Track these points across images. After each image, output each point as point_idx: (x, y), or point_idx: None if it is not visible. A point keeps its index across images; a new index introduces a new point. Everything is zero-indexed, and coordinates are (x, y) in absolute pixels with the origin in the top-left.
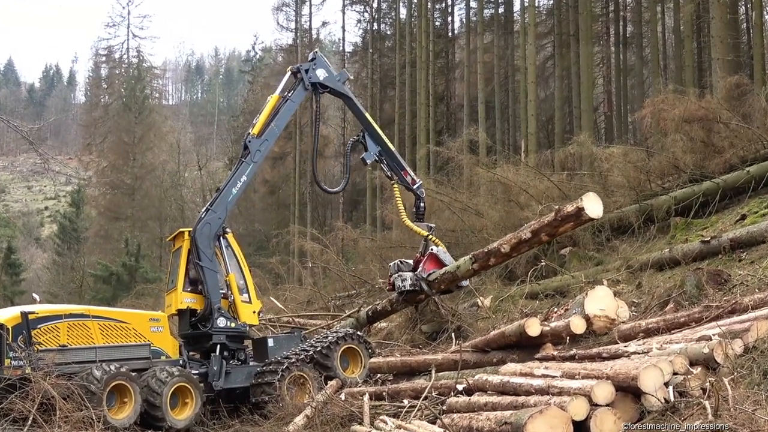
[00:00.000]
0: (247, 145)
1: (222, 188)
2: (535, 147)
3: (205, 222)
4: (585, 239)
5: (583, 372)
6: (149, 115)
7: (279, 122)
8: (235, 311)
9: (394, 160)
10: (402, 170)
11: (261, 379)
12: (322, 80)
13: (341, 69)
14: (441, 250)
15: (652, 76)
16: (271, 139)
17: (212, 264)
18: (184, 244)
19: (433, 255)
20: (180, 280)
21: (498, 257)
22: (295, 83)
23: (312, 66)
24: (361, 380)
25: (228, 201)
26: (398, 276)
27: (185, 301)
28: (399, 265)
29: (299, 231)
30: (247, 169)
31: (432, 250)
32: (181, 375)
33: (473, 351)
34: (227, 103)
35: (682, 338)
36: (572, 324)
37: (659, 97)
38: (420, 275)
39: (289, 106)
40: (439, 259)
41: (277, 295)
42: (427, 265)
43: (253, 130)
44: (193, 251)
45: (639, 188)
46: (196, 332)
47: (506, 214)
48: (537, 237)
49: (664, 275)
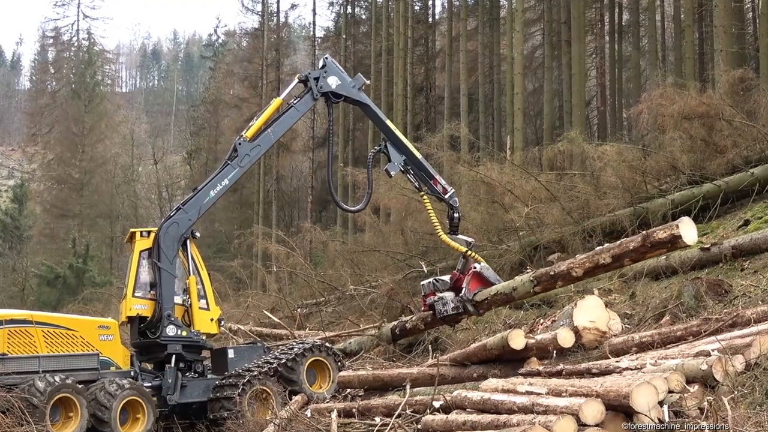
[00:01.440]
0: (237, 148)
1: (199, 189)
2: (521, 144)
3: (173, 221)
4: (574, 245)
5: (570, 389)
6: (100, 104)
7: (277, 129)
8: (190, 318)
9: (422, 169)
10: (431, 179)
11: (220, 393)
12: (334, 89)
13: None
14: (484, 266)
15: (650, 68)
16: (265, 145)
17: (172, 267)
18: (136, 245)
19: (477, 273)
20: (130, 285)
21: (566, 280)
22: (303, 91)
23: (323, 74)
24: (329, 395)
25: (203, 203)
26: (439, 300)
27: (135, 308)
28: (435, 284)
29: (263, 232)
30: (231, 173)
31: (476, 267)
32: (133, 388)
33: (452, 365)
34: (186, 91)
35: (678, 353)
36: (560, 337)
37: (657, 91)
38: (466, 296)
39: (292, 114)
40: (483, 276)
41: (238, 302)
42: (472, 285)
43: (246, 132)
44: (154, 251)
45: (634, 190)
46: (145, 341)
47: (489, 216)
48: (618, 262)
49: (659, 285)
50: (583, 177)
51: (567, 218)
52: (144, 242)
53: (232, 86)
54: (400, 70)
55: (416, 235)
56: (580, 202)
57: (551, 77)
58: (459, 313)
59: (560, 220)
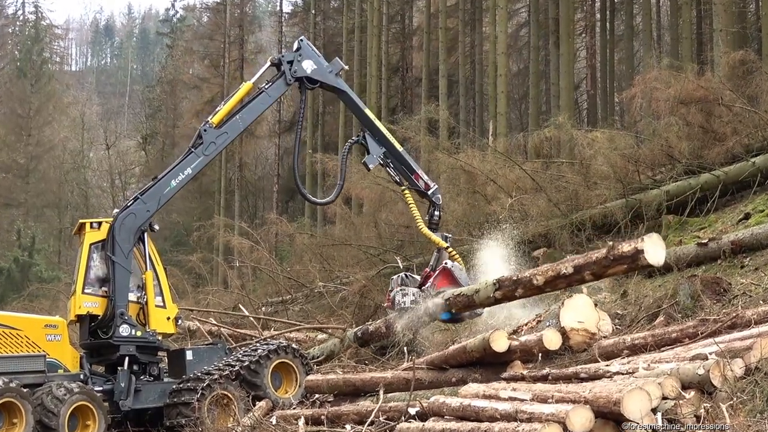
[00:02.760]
0: (202, 135)
1: (159, 178)
2: (505, 129)
3: (129, 212)
4: (562, 239)
5: (557, 395)
6: (48, 83)
7: (246, 116)
8: (145, 317)
9: (403, 163)
10: (413, 173)
11: (177, 398)
12: (309, 74)
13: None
14: (457, 266)
15: (644, 48)
16: (232, 133)
17: (127, 262)
18: (86, 237)
19: (447, 270)
20: (80, 281)
21: (528, 289)
22: (275, 75)
23: (297, 57)
24: (295, 401)
25: (163, 193)
26: (400, 290)
27: (85, 305)
28: (404, 279)
29: (225, 224)
30: (194, 162)
31: (446, 264)
32: (82, 392)
33: (429, 368)
34: (141, 70)
35: (673, 357)
36: (546, 338)
37: (651, 73)
38: (428, 292)
39: (263, 100)
40: (453, 276)
41: (197, 299)
42: (438, 282)
43: (212, 118)
44: (108, 244)
45: (626, 180)
46: (96, 342)
47: (470, 207)
48: (580, 275)
49: (653, 283)
50: (571, 166)
51: (554, 210)
52: (95, 234)
53: (192, 65)
54: (374, 49)
55: (391, 228)
56: (569, 192)
57: (537, 58)
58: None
59: (547, 212)
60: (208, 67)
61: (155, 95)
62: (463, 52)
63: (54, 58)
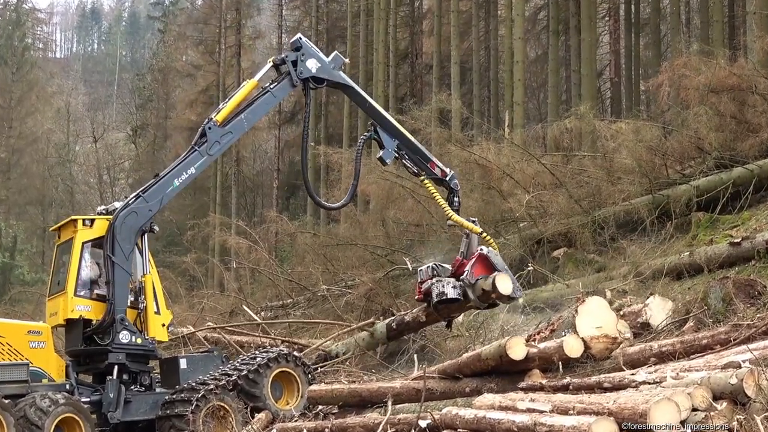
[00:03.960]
0: (206, 133)
1: (162, 176)
2: (522, 120)
3: (131, 210)
4: (583, 238)
5: (578, 406)
6: (30, 71)
7: (251, 116)
8: (144, 323)
9: (418, 153)
10: (428, 162)
11: (170, 410)
12: (315, 73)
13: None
14: (493, 251)
15: (672, 33)
16: (237, 132)
17: (127, 264)
18: (77, 235)
19: (484, 257)
20: (71, 282)
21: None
22: (280, 76)
23: (300, 57)
24: (297, 413)
25: (165, 192)
26: (438, 281)
27: (78, 308)
28: (435, 268)
29: (221, 222)
30: (198, 161)
31: (482, 250)
32: (68, 403)
33: (441, 377)
34: (131, 57)
35: (703, 365)
36: (566, 345)
37: (680, 59)
38: (468, 280)
39: (267, 100)
40: (490, 262)
41: (192, 304)
42: (476, 269)
43: (216, 115)
44: (107, 243)
45: (653, 174)
46: (90, 348)
47: (485, 204)
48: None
49: (682, 285)
50: (593, 159)
51: (575, 207)
52: (87, 232)
53: (185, 52)
54: (381, 33)
55: (400, 227)
56: (591, 188)
57: (557, 43)
58: (459, 300)
59: (567, 209)
60: (202, 53)
61: (146, 84)
62: (477, 37)
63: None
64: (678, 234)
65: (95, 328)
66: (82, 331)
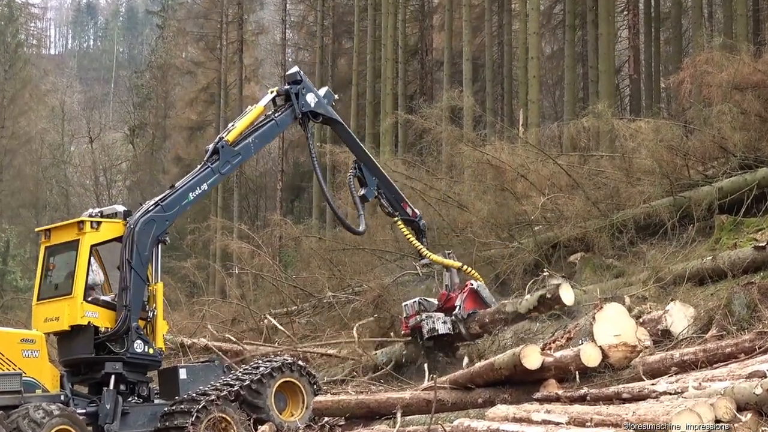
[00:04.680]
0: (218, 151)
1: (178, 187)
2: (537, 119)
3: (150, 218)
4: (601, 242)
5: (596, 417)
6: (24, 68)
7: (258, 141)
8: (153, 333)
9: (393, 192)
10: (401, 202)
11: (169, 422)
12: (313, 107)
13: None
14: (482, 285)
15: (693, 27)
16: (245, 155)
17: (143, 271)
18: (85, 238)
19: (474, 291)
20: (79, 286)
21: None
22: (283, 106)
23: (301, 90)
24: (302, 425)
25: (181, 204)
26: (428, 317)
27: (87, 314)
28: (423, 303)
29: (223, 226)
30: (211, 178)
31: (472, 285)
32: (63, 415)
33: (452, 388)
34: (128, 54)
35: (727, 374)
36: (584, 354)
37: (702, 55)
38: (460, 315)
39: (272, 129)
40: (480, 296)
41: (192, 311)
42: (467, 304)
43: (228, 135)
44: (127, 248)
45: (674, 176)
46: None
47: (498, 207)
48: None
49: (704, 291)
50: (612, 160)
51: (592, 210)
52: (95, 235)
53: (185, 48)
54: (390, 28)
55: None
56: (609, 190)
57: (573, 38)
58: (450, 335)
59: (584, 212)
60: (203, 49)
61: (144, 82)
62: (490, 32)
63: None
64: (700, 238)
65: (109, 336)
66: (92, 338)
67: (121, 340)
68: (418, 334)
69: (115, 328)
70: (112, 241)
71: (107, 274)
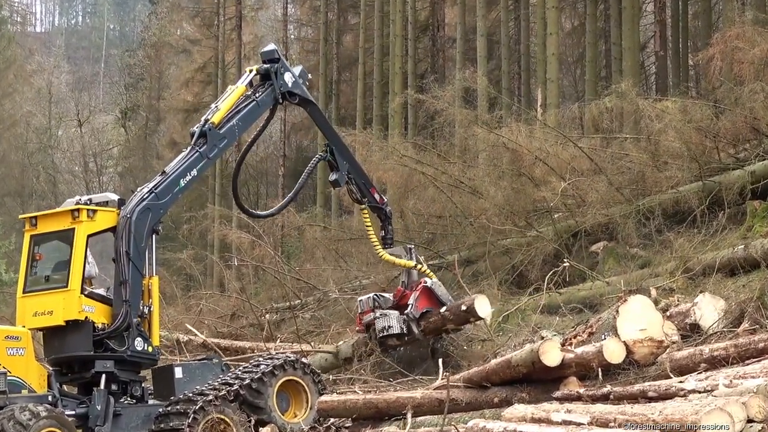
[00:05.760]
0: (206, 134)
1: (169, 173)
2: (556, 99)
3: (146, 207)
4: (626, 230)
5: (620, 417)
6: (7, 48)
7: (241, 124)
8: (150, 330)
9: (363, 177)
10: (370, 188)
11: (164, 423)
12: (290, 87)
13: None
14: (437, 282)
15: (723, 0)
16: (230, 139)
17: (141, 263)
18: (81, 227)
19: (428, 289)
20: (76, 278)
21: None
22: (263, 86)
23: (279, 69)
24: (306, 426)
25: (173, 192)
26: (382, 315)
27: (85, 309)
28: (376, 299)
29: (221, 215)
30: (200, 163)
31: (426, 282)
32: (50, 416)
33: (466, 386)
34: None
35: (760, 371)
36: (606, 349)
37: (733, 30)
38: (412, 314)
39: (254, 110)
40: (434, 294)
41: (188, 306)
42: (420, 302)
43: (213, 117)
44: (123, 239)
45: (703, 159)
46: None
47: (515, 193)
48: None
49: (736, 282)
50: (637, 142)
51: (616, 196)
52: (91, 225)
53: (180, 24)
54: (399, 3)
55: (420, 219)
56: (633, 174)
57: (595, 12)
58: (402, 335)
59: (607, 198)
60: (199, 26)
61: (136, 61)
62: (506, 6)
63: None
64: (731, 225)
65: (110, 332)
66: (91, 334)
67: (121, 338)
68: (372, 332)
69: (115, 325)
70: (107, 231)
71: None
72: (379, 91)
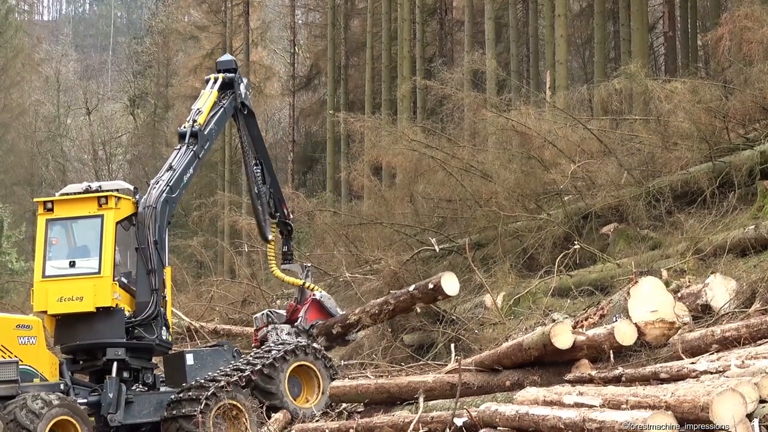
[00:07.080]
0: (197, 134)
1: (176, 168)
2: (565, 81)
3: (165, 199)
4: (636, 212)
5: (632, 399)
6: (15, 36)
7: (216, 128)
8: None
9: (280, 193)
10: (282, 203)
11: (177, 410)
12: (244, 98)
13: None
14: (326, 295)
15: None
16: (212, 141)
17: (164, 253)
18: (110, 214)
19: (317, 302)
20: (107, 265)
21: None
22: (226, 94)
23: (238, 79)
24: (318, 411)
25: (180, 187)
26: (273, 329)
27: (116, 296)
28: (269, 315)
29: (231, 201)
30: (194, 163)
31: (315, 296)
32: (63, 405)
33: (478, 370)
34: (127, 18)
35: None
36: (618, 332)
37: (742, 10)
38: (301, 326)
39: (222, 117)
40: (323, 306)
41: (199, 293)
42: (310, 315)
43: (199, 118)
44: (150, 229)
45: (713, 139)
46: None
47: (524, 176)
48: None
49: (747, 263)
50: (646, 123)
51: (626, 177)
52: (118, 212)
53: (188, 11)
54: None
55: (430, 203)
56: (643, 156)
57: None
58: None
59: (617, 180)
60: (207, 13)
61: (144, 48)
62: None
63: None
64: (742, 205)
65: (141, 320)
66: (123, 322)
67: (149, 326)
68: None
69: (146, 313)
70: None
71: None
72: (388, 75)
